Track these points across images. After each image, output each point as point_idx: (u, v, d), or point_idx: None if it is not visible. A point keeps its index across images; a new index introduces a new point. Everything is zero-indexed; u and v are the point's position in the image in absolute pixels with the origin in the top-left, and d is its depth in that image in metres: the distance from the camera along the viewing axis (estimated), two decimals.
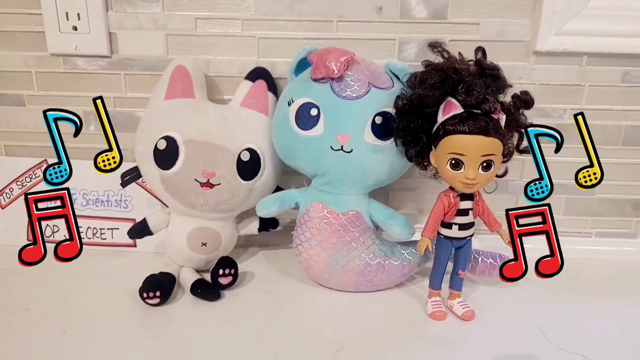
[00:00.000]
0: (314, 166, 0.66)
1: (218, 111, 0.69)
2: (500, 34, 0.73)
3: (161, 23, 0.74)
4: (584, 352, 0.57)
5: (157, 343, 0.58)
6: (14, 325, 0.60)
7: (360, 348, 0.57)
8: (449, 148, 0.56)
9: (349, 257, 0.66)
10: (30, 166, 0.79)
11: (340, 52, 0.63)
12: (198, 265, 0.71)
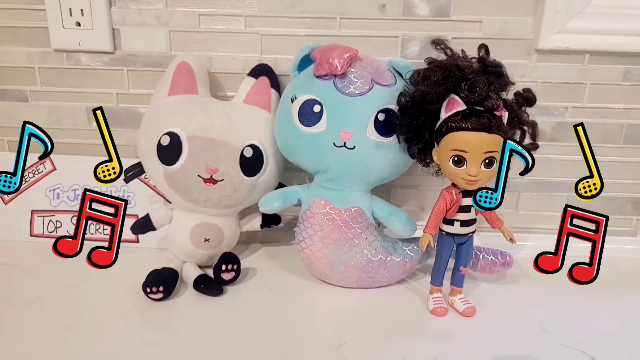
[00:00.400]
0: (317, 163, 0.66)
1: (221, 107, 0.69)
2: (503, 31, 0.73)
3: (164, 19, 0.74)
4: (584, 348, 0.57)
5: (160, 337, 0.58)
6: (18, 319, 0.60)
7: (362, 343, 0.58)
8: (451, 145, 0.56)
9: (351, 253, 0.66)
10: (33, 162, 0.79)
11: (343, 49, 0.63)
12: (201, 261, 0.71)
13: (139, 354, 0.55)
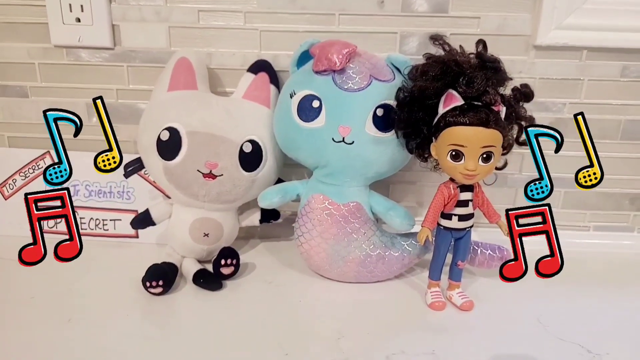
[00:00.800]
0: (316, 158, 0.66)
1: (221, 103, 0.70)
2: (501, 28, 0.73)
3: (164, 15, 0.74)
4: (581, 342, 0.57)
5: (159, 331, 0.59)
6: (19, 313, 0.60)
7: (361, 337, 0.58)
8: (449, 139, 0.57)
9: (349, 248, 0.67)
10: (33, 157, 0.79)
11: (342, 45, 0.63)
12: (200, 256, 0.72)
13: (138, 347, 0.55)
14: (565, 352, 0.56)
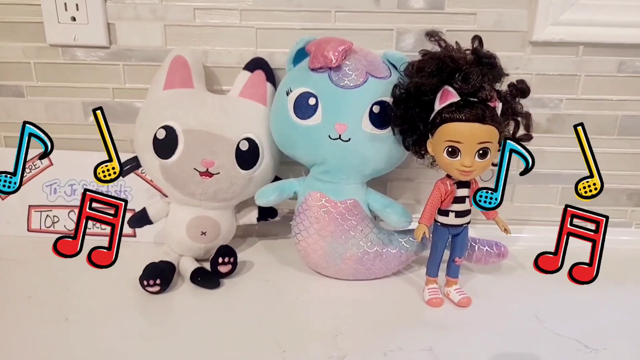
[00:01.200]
0: (312, 155, 0.66)
1: (217, 101, 0.70)
2: (497, 24, 0.73)
3: (160, 14, 0.74)
4: (579, 337, 0.58)
5: (157, 330, 0.59)
6: (16, 312, 0.60)
7: (358, 334, 0.58)
8: (445, 136, 0.57)
9: (347, 245, 0.67)
10: (30, 157, 0.79)
11: (338, 42, 0.63)
12: (197, 254, 0.72)
13: (136, 346, 0.55)
14: (562, 347, 0.56)
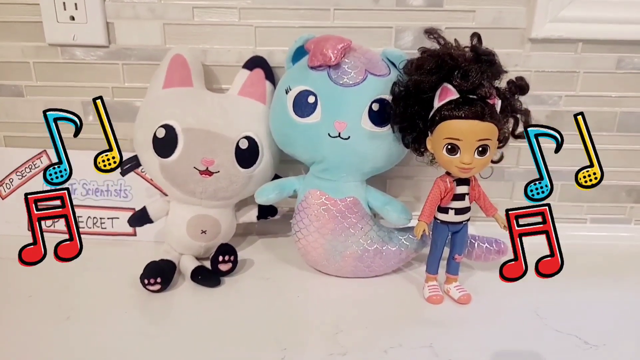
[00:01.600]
0: (312, 153, 0.66)
1: (216, 100, 0.70)
2: (496, 21, 0.73)
3: (158, 12, 0.74)
4: (579, 333, 0.58)
5: (158, 328, 0.59)
6: (17, 312, 0.61)
7: (359, 331, 0.58)
8: (445, 133, 0.57)
9: (347, 243, 0.67)
10: (30, 157, 0.79)
11: (337, 40, 0.63)
12: (198, 253, 0.72)
13: (137, 344, 0.55)
14: (562, 344, 0.56)
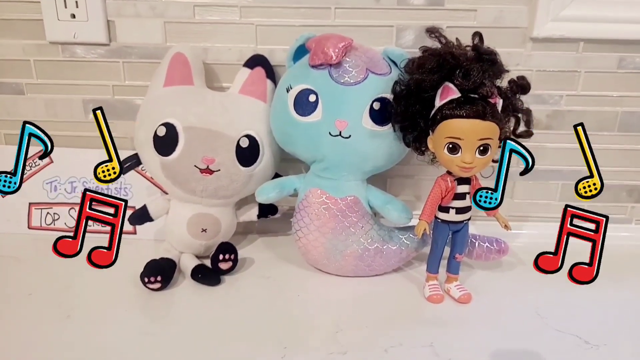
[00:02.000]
0: (313, 152, 0.66)
1: (217, 98, 0.70)
2: (497, 20, 0.73)
3: (159, 10, 0.74)
4: (580, 333, 0.58)
5: (158, 327, 0.59)
6: (17, 310, 0.60)
7: (359, 330, 0.58)
8: (446, 132, 0.57)
9: (347, 242, 0.67)
10: (30, 155, 0.79)
11: (338, 39, 0.63)
12: (198, 251, 0.72)
13: (137, 343, 0.55)
14: (563, 343, 0.56)
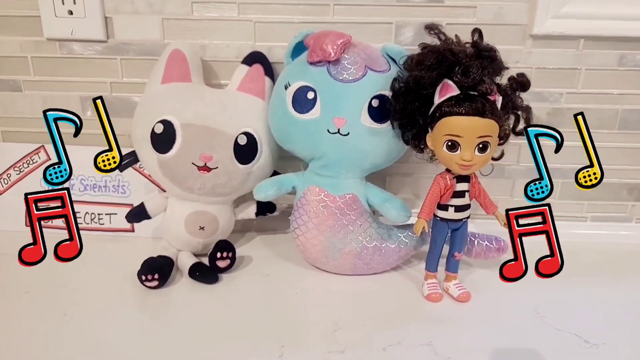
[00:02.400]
0: (311, 150, 0.66)
1: (215, 95, 0.69)
2: (497, 17, 0.73)
3: (157, 7, 0.74)
4: (579, 332, 0.57)
5: (155, 325, 0.58)
6: (14, 307, 0.60)
7: (357, 329, 0.58)
8: (445, 130, 0.56)
9: (346, 240, 0.66)
10: (28, 152, 0.79)
11: (336, 35, 0.63)
12: (196, 249, 0.71)
13: (134, 341, 0.55)
14: (562, 342, 0.56)
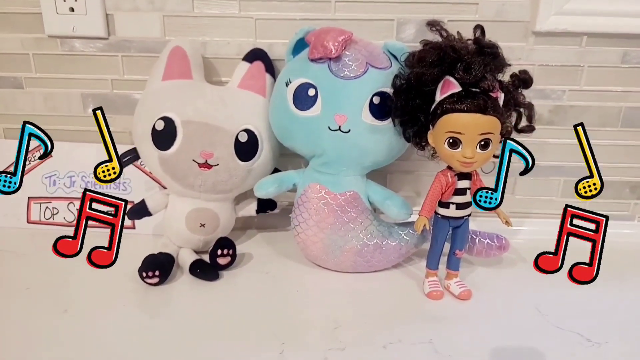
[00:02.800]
0: (312, 147, 0.66)
1: (216, 92, 0.69)
2: (499, 14, 0.72)
3: (158, 4, 0.73)
4: (581, 330, 0.57)
5: (156, 322, 0.58)
6: (15, 304, 0.60)
7: (358, 326, 0.58)
8: (446, 127, 0.56)
9: (346, 237, 0.66)
10: (30, 149, 0.78)
11: (338, 32, 0.62)
12: (197, 246, 0.71)
13: (135, 338, 0.55)
14: (564, 340, 0.56)
